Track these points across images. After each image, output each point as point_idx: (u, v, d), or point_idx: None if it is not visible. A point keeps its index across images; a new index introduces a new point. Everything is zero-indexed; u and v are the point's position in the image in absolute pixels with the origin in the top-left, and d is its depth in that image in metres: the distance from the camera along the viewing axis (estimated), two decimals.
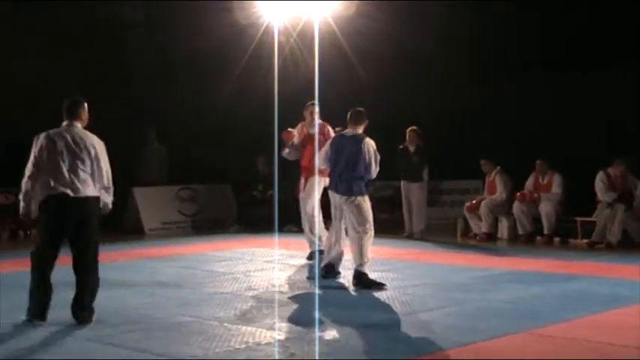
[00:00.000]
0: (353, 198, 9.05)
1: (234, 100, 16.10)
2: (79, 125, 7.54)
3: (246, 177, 16.33)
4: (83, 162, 7.35)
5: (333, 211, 9.35)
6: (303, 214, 10.98)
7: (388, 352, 6.23)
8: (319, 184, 10.61)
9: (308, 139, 11.00)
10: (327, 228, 10.61)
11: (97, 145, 7.52)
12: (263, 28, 13.41)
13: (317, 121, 10.95)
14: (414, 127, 14.03)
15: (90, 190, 7.40)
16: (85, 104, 7.67)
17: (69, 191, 7.20)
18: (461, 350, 6.17)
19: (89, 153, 7.42)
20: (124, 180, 15.82)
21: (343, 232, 9.39)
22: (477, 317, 7.38)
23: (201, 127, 16.90)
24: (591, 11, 14.13)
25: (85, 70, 15.92)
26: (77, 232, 7.46)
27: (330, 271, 9.47)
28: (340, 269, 9.60)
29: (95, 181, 7.45)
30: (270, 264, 10.98)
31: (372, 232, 9.08)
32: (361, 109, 9.46)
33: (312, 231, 10.83)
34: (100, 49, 16.00)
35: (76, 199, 7.26)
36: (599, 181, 12.87)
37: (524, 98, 15.11)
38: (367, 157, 9.06)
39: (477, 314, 7.53)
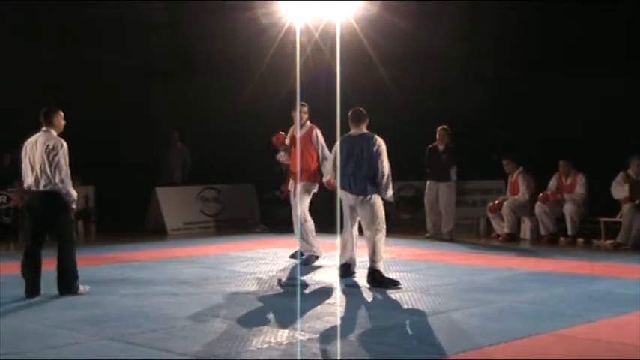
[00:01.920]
0: (368, 197, 9.10)
1: (256, 100, 16.14)
2: (52, 131, 8.56)
3: (269, 177, 16.35)
4: (50, 163, 8.39)
5: (346, 211, 9.39)
6: (294, 216, 10.85)
7: (410, 353, 6.23)
8: (310, 190, 10.66)
9: (293, 140, 10.88)
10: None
11: (58, 146, 8.48)
12: (285, 28, 13.41)
13: (306, 122, 10.82)
14: (445, 126, 14.00)
15: (50, 185, 8.42)
16: (60, 112, 8.70)
17: (34, 187, 8.43)
18: (483, 351, 6.16)
19: (49, 154, 8.41)
20: (147, 180, 16.03)
21: (356, 231, 9.49)
22: (500, 318, 7.36)
23: (224, 127, 16.96)
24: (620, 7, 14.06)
25: (108, 71, 16.05)
26: (50, 222, 8.61)
27: (346, 270, 9.53)
28: (355, 269, 9.66)
29: (55, 177, 8.39)
30: (292, 264, 10.98)
31: (384, 231, 9.19)
32: (361, 108, 9.55)
33: (305, 235, 10.71)
34: (123, 49, 16.11)
35: (40, 193, 8.43)
36: (614, 182, 12.85)
37: (547, 98, 15.06)
38: (379, 156, 9.12)
39: (500, 315, 7.50)
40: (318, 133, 10.78)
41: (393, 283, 8.87)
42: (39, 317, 7.53)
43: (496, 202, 14.14)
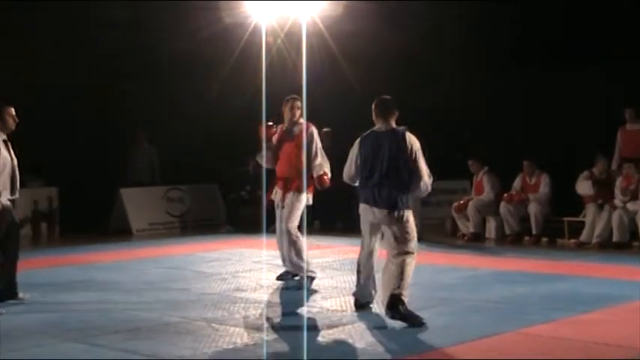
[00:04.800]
0: (398, 213, 7.32)
1: (222, 99, 16.12)
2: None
3: (234, 177, 16.34)
4: None
5: (366, 227, 7.60)
6: (279, 232, 9.15)
7: (377, 353, 6.27)
8: (303, 201, 9.04)
9: (285, 139, 9.23)
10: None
11: None
12: (250, 28, 13.41)
13: (303, 120, 9.27)
14: (405, 127, 14.04)
15: None
16: (4, 109, 8.01)
17: None
18: (448, 350, 6.20)
19: None
20: (112, 181, 15.94)
21: (377, 253, 7.78)
22: (465, 317, 7.41)
23: (189, 127, 16.90)
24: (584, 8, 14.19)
25: (74, 69, 15.91)
26: None
27: (365, 306, 7.83)
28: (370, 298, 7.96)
29: None
30: (258, 264, 10.98)
31: (416, 254, 7.47)
32: (387, 97, 7.75)
33: (297, 255, 8.96)
34: (87, 48, 15.99)
35: None
36: (579, 178, 12.98)
37: (511, 98, 15.18)
38: (414, 158, 7.37)
39: (465, 314, 7.55)
40: (314, 131, 9.24)
41: (419, 321, 7.04)
42: None
43: (461, 201, 14.22)
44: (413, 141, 7.41)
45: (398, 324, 7.04)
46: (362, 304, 7.80)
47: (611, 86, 14.04)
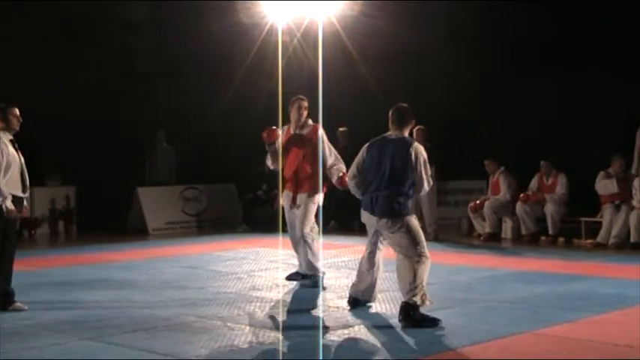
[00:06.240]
0: (396, 221, 7.26)
1: (239, 99, 16.14)
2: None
3: (250, 176, 16.35)
4: None
5: (369, 230, 7.63)
6: (293, 237, 9.10)
7: (393, 352, 6.26)
8: (315, 201, 8.92)
9: (294, 140, 9.09)
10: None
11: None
12: (267, 28, 13.43)
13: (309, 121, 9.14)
14: (422, 127, 14.00)
15: None
16: (8, 109, 7.88)
17: None
18: (465, 350, 6.19)
19: None
20: (129, 180, 16.00)
21: (379, 257, 7.74)
22: (482, 317, 7.39)
23: (206, 127, 16.94)
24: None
25: (92, 70, 15.99)
26: None
27: (355, 304, 7.83)
28: (372, 299, 7.97)
29: None
30: (274, 264, 10.99)
31: (428, 257, 7.28)
32: (405, 105, 7.68)
33: (313, 256, 8.87)
34: (106, 48, 16.06)
35: None
36: (598, 179, 12.94)
37: (528, 98, 15.14)
38: (417, 168, 7.30)
39: (481, 314, 7.54)
40: (323, 133, 9.04)
41: (433, 323, 6.99)
42: (19, 318, 7.49)
43: (477, 201, 14.19)
44: (419, 152, 7.34)
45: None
46: (359, 302, 7.78)
47: (630, 86, 13.95)
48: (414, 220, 7.38)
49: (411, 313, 7.02)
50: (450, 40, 15.15)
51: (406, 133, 7.53)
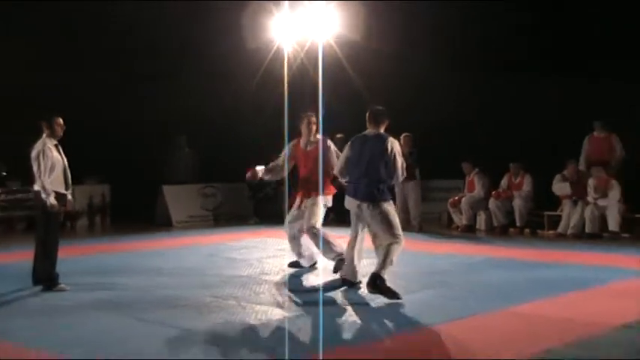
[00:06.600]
0: (375, 205, 7.32)
1: (250, 109, 16.08)
2: (44, 136, 8.00)
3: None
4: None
5: (353, 217, 7.62)
6: (300, 230, 8.86)
7: (380, 328, 6.31)
8: (320, 202, 8.65)
9: (304, 156, 8.87)
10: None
11: (34, 152, 7.92)
12: (275, 48, 13.42)
13: (320, 136, 8.88)
14: (408, 134, 14.00)
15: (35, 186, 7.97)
16: (53, 118, 8.02)
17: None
18: (444, 326, 6.17)
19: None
20: (156, 179, 15.97)
21: (360, 243, 7.69)
22: (458, 298, 7.38)
23: (221, 134, 16.89)
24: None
25: (112, 76, 15.79)
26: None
27: (346, 284, 7.82)
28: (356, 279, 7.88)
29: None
30: (281, 252, 10.96)
31: (401, 241, 7.38)
32: (380, 107, 7.74)
33: (318, 245, 8.63)
34: (130, 52, 15.86)
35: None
36: (555, 182, 12.99)
37: (500, 106, 14.97)
38: (391, 159, 7.36)
39: (458, 296, 7.52)
40: (331, 143, 8.91)
41: (394, 294, 7.12)
42: (62, 298, 7.49)
43: (456, 198, 14.19)
44: (393, 144, 7.44)
45: (402, 304, 7.03)
46: (352, 282, 7.77)
47: (585, 98, 13.83)
48: (391, 206, 7.45)
49: (377, 282, 7.16)
50: (431, 49, 14.87)
51: (382, 130, 7.60)
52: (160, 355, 5.37)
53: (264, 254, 10.80)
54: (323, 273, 8.72)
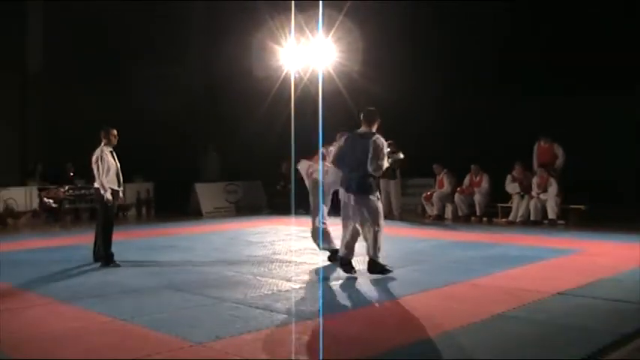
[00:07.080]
0: (365, 197, 6.99)
1: (265, 122, 16.07)
2: (102, 145, 8.13)
3: (272, 176, 16.36)
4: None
5: (344, 206, 7.19)
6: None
7: (368, 295, 6.34)
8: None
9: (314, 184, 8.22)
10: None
11: (94, 157, 8.07)
12: (284, 73, 13.46)
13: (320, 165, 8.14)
14: (391, 141, 13.91)
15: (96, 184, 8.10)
16: (109, 130, 8.17)
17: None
18: (419, 295, 6.24)
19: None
20: (189, 178, 16.01)
21: (354, 227, 7.21)
22: (431, 273, 7.41)
23: (242, 141, 16.89)
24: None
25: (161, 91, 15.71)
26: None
27: (344, 262, 7.32)
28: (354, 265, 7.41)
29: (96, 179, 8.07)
30: (289, 236, 10.99)
31: (382, 228, 7.08)
32: (372, 107, 7.33)
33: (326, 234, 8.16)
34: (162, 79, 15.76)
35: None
36: (507, 181, 13.00)
37: (466, 120, 14.73)
38: (376, 154, 6.93)
39: (431, 270, 7.56)
40: (332, 148, 7.97)
41: (388, 271, 7.09)
42: (116, 273, 7.54)
43: (429, 193, 14.21)
44: (379, 142, 6.98)
45: (387, 278, 7.07)
46: (348, 261, 7.30)
47: (533, 111, 13.66)
48: (378, 198, 7.11)
49: (376, 267, 7.09)
50: (412, 58, 14.50)
51: (373, 129, 7.15)
52: (193, 317, 5.43)
53: (275, 238, 10.83)
54: (323, 254, 8.78)
